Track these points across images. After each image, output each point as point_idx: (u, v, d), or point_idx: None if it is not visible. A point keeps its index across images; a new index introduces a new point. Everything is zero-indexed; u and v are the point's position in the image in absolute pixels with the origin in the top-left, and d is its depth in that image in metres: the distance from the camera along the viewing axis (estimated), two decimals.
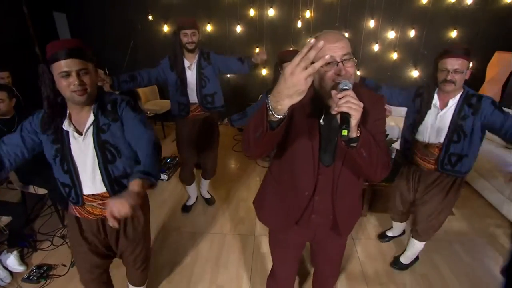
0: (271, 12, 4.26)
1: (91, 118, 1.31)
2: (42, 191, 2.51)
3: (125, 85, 2.31)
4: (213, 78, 2.44)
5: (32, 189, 2.51)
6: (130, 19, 4.34)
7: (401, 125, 3.73)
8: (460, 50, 1.68)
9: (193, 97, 2.43)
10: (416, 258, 2.28)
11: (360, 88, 1.10)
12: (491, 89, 4.15)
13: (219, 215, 2.88)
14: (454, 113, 1.76)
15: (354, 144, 0.98)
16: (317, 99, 1.11)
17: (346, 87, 0.95)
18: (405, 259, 2.24)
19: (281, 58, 2.10)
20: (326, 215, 1.26)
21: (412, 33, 4.27)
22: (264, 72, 4.64)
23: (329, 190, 1.20)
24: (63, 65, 1.18)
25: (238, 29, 4.37)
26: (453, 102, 1.77)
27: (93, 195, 1.39)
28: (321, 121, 1.11)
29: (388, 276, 2.23)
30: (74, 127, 1.30)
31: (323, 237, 1.39)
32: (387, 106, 2.04)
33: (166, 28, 4.42)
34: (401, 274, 2.24)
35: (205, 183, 2.93)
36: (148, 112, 4.27)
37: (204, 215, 2.87)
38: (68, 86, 1.20)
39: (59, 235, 2.58)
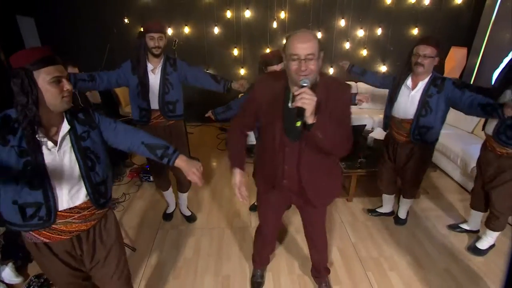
0: (248, 14, 4.39)
1: (66, 127, 1.25)
2: None
3: (82, 83, 2.21)
4: (177, 85, 2.35)
5: None
6: (105, 23, 4.27)
7: (376, 117, 4.06)
8: (431, 40, 2.07)
9: (154, 103, 2.32)
10: (407, 215, 2.74)
11: (330, 79, 1.42)
12: None
13: (213, 212, 2.96)
14: (422, 93, 2.13)
15: (310, 128, 1.23)
16: (286, 85, 1.40)
17: (305, 84, 1.21)
18: (402, 214, 2.72)
19: (265, 61, 2.20)
20: (294, 182, 1.55)
21: (379, 31, 4.60)
22: (242, 72, 4.75)
23: (295, 161, 1.49)
24: (53, 70, 1.15)
25: (216, 30, 4.46)
26: (422, 84, 2.14)
27: (70, 208, 1.27)
28: (289, 104, 1.31)
29: (378, 251, 2.45)
30: (46, 136, 1.22)
31: (301, 205, 1.74)
32: (362, 96, 2.34)
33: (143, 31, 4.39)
34: (389, 249, 2.47)
35: (183, 198, 2.75)
36: (130, 115, 4.22)
37: (200, 213, 2.93)
38: (59, 93, 1.17)
39: None
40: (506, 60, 3.95)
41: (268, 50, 4.61)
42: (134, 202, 3.07)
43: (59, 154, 1.23)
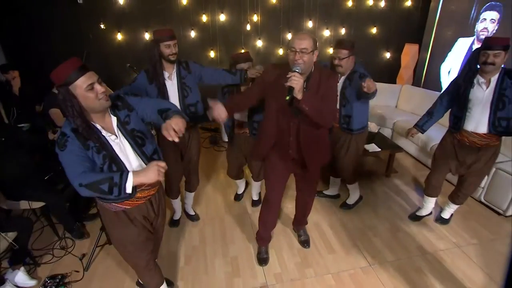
0: (222, 17, 4.60)
1: (114, 119, 1.49)
2: (37, 204, 2.49)
3: None
4: (194, 87, 2.40)
5: (24, 205, 2.47)
6: (81, 29, 4.25)
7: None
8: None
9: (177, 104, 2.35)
10: (360, 198, 3.03)
11: (322, 69, 1.84)
12: (406, 73, 5.17)
13: (210, 204, 3.17)
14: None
15: (298, 99, 1.64)
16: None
17: (296, 70, 1.63)
18: (350, 201, 3.02)
19: (235, 60, 2.46)
20: (297, 151, 1.96)
21: (343, 31, 5.05)
22: None
23: (296, 134, 1.90)
24: (85, 80, 1.31)
25: (192, 34, 4.62)
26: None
27: None
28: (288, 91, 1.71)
29: (362, 223, 2.82)
30: (108, 132, 1.46)
31: (300, 172, 2.14)
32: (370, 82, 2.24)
33: (120, 36, 4.44)
34: (370, 220, 2.86)
35: (190, 197, 2.86)
36: None
37: (198, 206, 3.12)
38: (96, 96, 1.35)
39: (58, 247, 2.59)
40: (450, 54, 4.58)
41: (242, 51, 4.86)
42: None
43: (121, 142, 1.49)
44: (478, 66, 2.17)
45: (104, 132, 1.44)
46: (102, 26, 4.34)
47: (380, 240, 2.63)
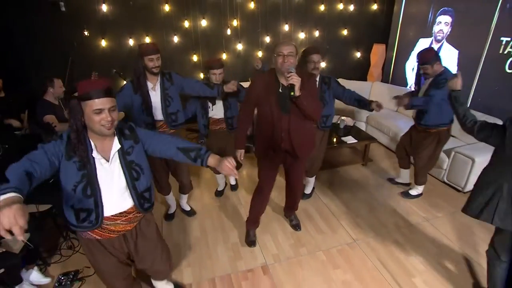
0: (204, 23, 4.81)
1: (116, 145, 1.48)
2: (44, 207, 2.60)
3: None
4: (176, 97, 2.56)
5: (31, 208, 2.57)
6: (64, 36, 4.29)
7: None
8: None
9: (159, 116, 2.53)
10: (313, 189, 3.42)
11: (301, 71, 2.06)
12: (375, 71, 5.63)
13: (205, 198, 3.39)
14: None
15: (295, 98, 1.96)
16: (276, 79, 2.10)
17: (292, 70, 1.93)
18: (307, 191, 3.36)
19: (209, 66, 2.76)
20: (288, 144, 2.20)
21: (316, 33, 5.41)
22: (201, 76, 5.15)
23: (287, 129, 2.15)
24: (97, 103, 1.32)
25: (175, 39, 4.79)
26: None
27: (120, 213, 1.52)
28: (280, 90, 2.08)
29: (346, 206, 3.17)
30: (100, 155, 1.44)
31: (290, 162, 2.40)
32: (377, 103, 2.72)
33: (104, 43, 4.52)
34: (353, 203, 3.22)
35: (184, 197, 3.02)
36: None
37: (194, 200, 3.34)
38: (99, 122, 1.35)
39: (65, 247, 2.71)
40: (413, 53, 5.08)
41: (224, 55, 5.10)
42: None
43: (110, 168, 1.46)
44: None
45: (95, 153, 1.43)
46: (86, 33, 4.40)
47: (362, 220, 2.99)
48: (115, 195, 1.49)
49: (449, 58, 4.35)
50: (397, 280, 2.34)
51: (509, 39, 3.54)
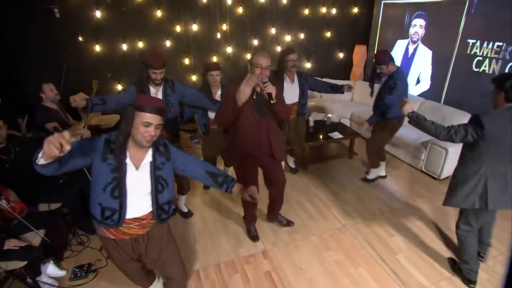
0: (195, 27, 5.01)
1: (149, 158, 1.60)
2: (55, 206, 2.75)
3: (96, 107, 2.52)
4: (175, 104, 2.67)
5: (43, 207, 2.72)
6: (59, 42, 4.40)
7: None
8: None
9: None
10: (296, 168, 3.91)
11: (272, 79, 2.21)
12: (357, 70, 5.98)
13: (203, 193, 3.61)
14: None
15: (275, 105, 2.14)
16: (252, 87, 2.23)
17: (266, 80, 2.12)
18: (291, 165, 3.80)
19: (207, 68, 2.98)
20: (267, 146, 2.36)
21: (302, 35, 5.71)
22: (194, 78, 5.35)
23: (266, 132, 2.33)
24: (148, 117, 1.48)
25: (168, 43, 4.97)
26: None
27: (134, 218, 1.63)
28: (254, 97, 2.25)
29: (332, 193, 3.46)
30: (132, 162, 1.57)
31: (268, 164, 2.52)
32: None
33: (98, 48, 4.65)
34: (337, 189, 3.52)
35: (182, 198, 3.13)
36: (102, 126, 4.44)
37: (192, 196, 3.55)
38: (143, 133, 1.49)
39: (75, 243, 2.87)
40: (392, 53, 5.43)
41: (214, 58, 5.31)
42: None
43: (138, 176, 1.59)
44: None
45: (128, 160, 1.55)
46: (80, 38, 4.52)
47: (349, 207, 3.29)
48: (137, 200, 1.61)
49: (424, 58, 4.73)
50: (382, 258, 2.64)
51: (474, 41, 3.93)
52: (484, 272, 2.46)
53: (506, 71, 3.61)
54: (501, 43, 3.64)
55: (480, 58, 3.89)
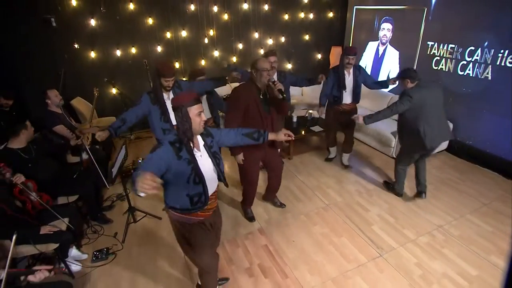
0: (184, 33, 5.37)
1: (201, 142, 1.89)
2: (73, 198, 3.07)
3: (119, 130, 2.74)
4: None
5: (62, 200, 3.03)
6: (56, 50, 4.64)
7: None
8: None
9: (174, 121, 2.89)
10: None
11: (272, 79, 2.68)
12: None
13: None
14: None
15: (285, 98, 2.62)
16: (256, 88, 2.65)
17: (273, 79, 2.58)
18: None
19: (193, 74, 3.37)
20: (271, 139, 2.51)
21: (283, 39, 6.18)
22: (184, 80, 5.70)
23: (270, 124, 2.74)
24: (197, 107, 1.74)
25: (159, 49, 5.30)
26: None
27: (212, 193, 1.93)
28: (261, 96, 2.68)
29: (317, 180, 3.95)
30: (196, 149, 1.83)
31: (270, 154, 2.96)
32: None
33: (93, 54, 4.92)
34: (322, 177, 4.01)
35: None
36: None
37: None
38: (199, 122, 1.76)
39: (91, 232, 3.19)
40: (364, 54, 6.02)
41: (202, 61, 5.69)
42: None
43: (203, 159, 1.85)
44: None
45: (194, 150, 1.81)
46: (76, 46, 4.79)
47: (331, 189, 3.79)
48: (210, 178, 1.88)
49: (393, 58, 5.32)
50: (360, 228, 3.14)
51: (433, 43, 4.54)
52: (441, 235, 3.02)
53: (458, 69, 4.23)
54: (453, 45, 4.26)
55: (438, 58, 4.50)
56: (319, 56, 6.66)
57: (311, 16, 6.23)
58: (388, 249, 2.88)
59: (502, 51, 3.73)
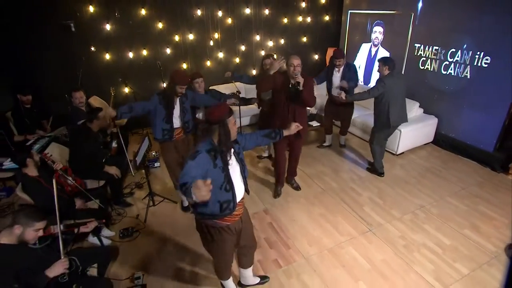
0: (191, 37, 5.79)
1: (232, 150, 1.95)
2: (102, 182, 3.49)
3: (125, 115, 3.00)
4: (189, 109, 3.27)
5: (90, 184, 3.45)
6: (74, 53, 5.05)
7: None
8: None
9: (177, 124, 3.22)
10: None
11: (303, 74, 3.15)
12: None
13: None
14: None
15: (301, 91, 3.06)
16: (287, 79, 3.14)
17: (297, 74, 3.04)
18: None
19: (192, 77, 3.46)
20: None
21: (282, 41, 6.62)
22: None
23: (293, 113, 3.25)
24: (233, 117, 1.87)
25: (168, 51, 5.72)
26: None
27: (240, 200, 2.00)
28: (290, 86, 3.13)
29: (315, 169, 4.40)
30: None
31: (293, 139, 3.41)
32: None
33: (108, 56, 5.34)
34: (320, 166, 4.45)
35: None
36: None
37: None
38: (235, 130, 1.89)
39: (115, 214, 3.61)
40: (358, 54, 6.46)
41: (208, 62, 6.11)
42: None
43: (232, 166, 1.92)
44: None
45: (229, 157, 1.88)
46: (92, 48, 5.20)
47: (327, 177, 4.23)
48: (238, 185, 1.94)
49: None
50: (353, 209, 3.59)
51: (420, 45, 4.99)
52: (423, 212, 3.47)
53: (441, 69, 4.68)
54: (437, 47, 4.71)
55: (424, 59, 4.95)
56: (316, 56, 7.10)
57: (308, 19, 6.67)
58: (377, 225, 3.33)
59: (478, 52, 4.19)
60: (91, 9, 5.00)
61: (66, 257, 2.05)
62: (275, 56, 4.27)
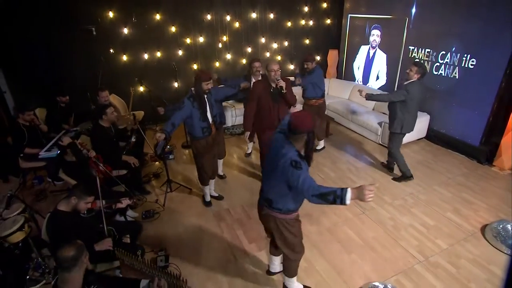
0: (201, 39, 6.23)
1: None
2: (123, 172, 3.93)
3: (172, 132, 3.21)
4: (215, 103, 3.51)
5: (114, 172, 3.89)
6: (95, 55, 5.51)
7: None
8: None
9: (210, 119, 3.45)
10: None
11: (283, 78, 3.54)
12: (331, 70, 7.38)
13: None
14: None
15: (285, 93, 3.49)
16: (268, 83, 3.54)
17: (278, 78, 3.45)
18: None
19: (198, 75, 3.76)
20: (277, 123, 3.09)
21: (286, 43, 7.04)
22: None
23: (277, 113, 3.60)
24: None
25: (180, 52, 6.16)
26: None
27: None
28: (271, 90, 3.55)
29: (314, 164, 4.83)
30: None
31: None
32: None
33: (125, 57, 5.79)
34: (321, 160, 4.88)
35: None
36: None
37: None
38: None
39: (136, 200, 4.04)
40: (357, 56, 6.87)
41: (217, 63, 6.55)
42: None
43: None
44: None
45: None
46: (111, 50, 5.65)
47: (326, 168, 4.66)
48: None
49: (381, 60, 6.17)
50: None
51: (413, 47, 5.40)
52: (411, 199, 3.88)
53: (433, 70, 5.09)
54: (429, 50, 5.11)
55: (418, 60, 5.35)
56: (318, 58, 7.51)
57: (311, 23, 7.08)
58: (370, 208, 3.74)
59: (465, 55, 4.59)
60: (111, 14, 5.46)
61: (111, 233, 2.51)
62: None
